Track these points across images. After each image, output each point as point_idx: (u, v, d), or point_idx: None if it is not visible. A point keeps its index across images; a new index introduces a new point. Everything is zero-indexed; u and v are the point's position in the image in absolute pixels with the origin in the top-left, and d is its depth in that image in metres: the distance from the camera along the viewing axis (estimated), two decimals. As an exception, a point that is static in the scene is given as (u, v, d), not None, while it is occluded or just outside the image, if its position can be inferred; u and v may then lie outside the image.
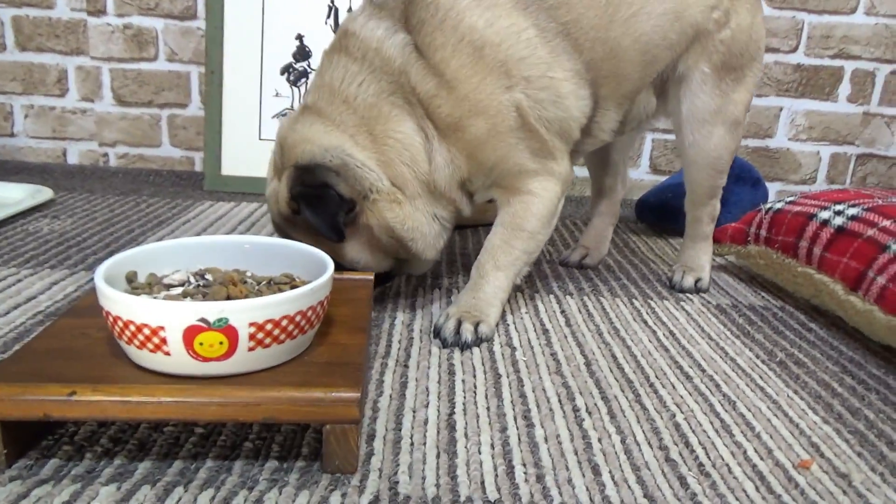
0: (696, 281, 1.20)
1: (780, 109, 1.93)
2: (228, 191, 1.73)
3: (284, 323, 0.64)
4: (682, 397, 0.82)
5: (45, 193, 1.51)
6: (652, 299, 1.16)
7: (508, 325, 1.01)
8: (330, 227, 0.89)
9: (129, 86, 1.87)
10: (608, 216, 1.34)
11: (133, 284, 0.72)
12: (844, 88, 1.91)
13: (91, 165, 1.93)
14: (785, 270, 1.16)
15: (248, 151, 1.75)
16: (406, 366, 0.86)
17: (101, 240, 1.29)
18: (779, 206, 1.21)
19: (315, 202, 0.89)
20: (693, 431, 0.75)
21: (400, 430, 0.71)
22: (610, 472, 0.66)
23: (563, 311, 1.08)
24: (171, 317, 0.60)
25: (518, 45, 0.91)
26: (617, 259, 1.37)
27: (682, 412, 0.79)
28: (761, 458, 0.70)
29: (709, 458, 0.70)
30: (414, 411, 0.75)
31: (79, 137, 1.91)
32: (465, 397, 0.79)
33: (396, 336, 0.94)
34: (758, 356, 0.95)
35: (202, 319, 0.61)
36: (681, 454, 0.70)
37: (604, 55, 0.97)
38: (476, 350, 0.91)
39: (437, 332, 0.94)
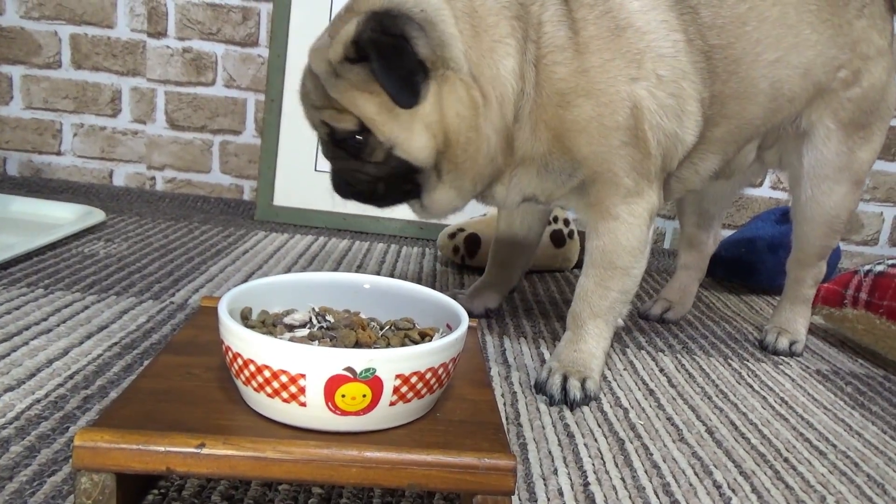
0: (791, 344, 1.14)
1: (845, 168, 1.89)
2: (279, 221, 1.68)
3: (429, 376, 0.58)
4: (823, 476, 0.75)
5: (98, 215, 1.46)
6: (748, 361, 1.09)
7: (610, 381, 0.94)
8: (403, 86, 0.78)
9: (183, 109, 1.83)
10: (695, 270, 1.28)
11: (249, 323, 0.65)
12: (911, 150, 1.87)
13: (137, 188, 1.88)
14: (890, 337, 1.09)
15: (302, 183, 1.70)
16: (519, 424, 0.79)
17: (162, 267, 1.23)
18: (879, 268, 1.16)
19: (390, 52, 0.77)
20: (852, 518, 0.68)
21: (536, 501, 0.64)
22: (780, 563, 0.59)
23: (662, 370, 1.01)
24: (316, 364, 0.54)
25: (664, 41, 0.84)
26: (696, 315, 1.31)
27: (831, 494, 0.72)
28: (936, 554, 0.63)
29: (880, 550, 0.63)
30: (544, 479, 0.68)
31: (127, 159, 1.87)
32: (594, 465, 0.72)
33: (498, 390, 0.87)
34: (884, 431, 0.88)
35: (349, 369, 0.54)
36: (848, 544, 0.63)
37: (734, 93, 0.92)
38: (587, 409, 0.85)
39: (539, 388, 0.87)
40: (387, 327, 0.68)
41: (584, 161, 0.85)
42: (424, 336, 0.66)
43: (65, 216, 1.44)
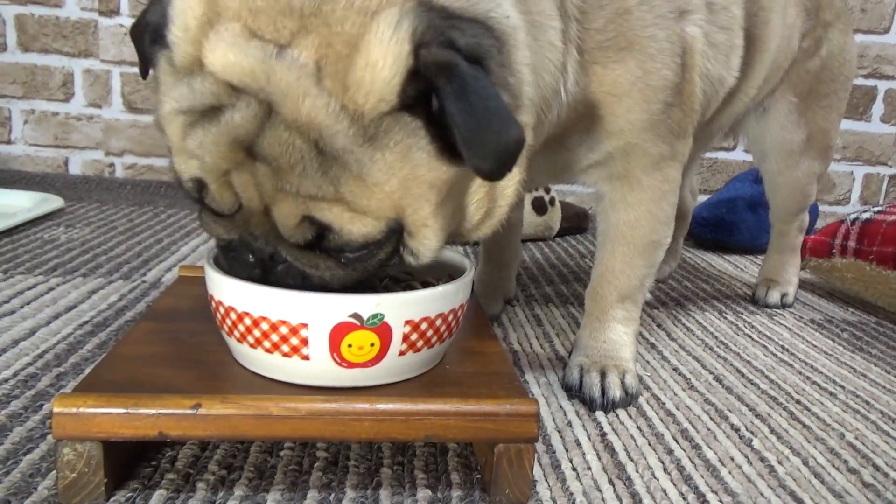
0: (782, 296, 1.13)
1: (815, 128, 1.90)
2: (249, 203, 1.61)
3: (439, 322, 0.54)
4: (838, 415, 0.73)
5: (55, 202, 1.38)
6: (743, 314, 1.07)
7: (610, 338, 0.91)
8: (506, 151, 0.47)
9: (141, 91, 1.75)
10: (678, 228, 1.26)
11: (238, 280, 0.60)
12: (878, 108, 1.89)
13: (95, 176, 1.79)
14: (881, 283, 1.09)
15: (271, 162, 1.63)
16: (525, 381, 0.75)
17: (130, 248, 1.16)
18: (866, 215, 1.15)
19: (480, 91, 0.46)
20: (874, 453, 0.66)
21: (554, 453, 0.61)
22: (812, 500, 0.57)
23: (659, 325, 0.99)
24: (319, 312, 0.49)
25: None
26: (683, 274, 1.29)
27: (848, 431, 0.70)
28: (962, 482, 0.62)
29: (907, 482, 0.61)
30: (560, 432, 0.64)
31: (83, 146, 1.78)
32: (607, 416, 0.69)
33: (498, 349, 0.84)
34: (888, 371, 0.87)
35: (355, 315, 0.50)
36: (874, 478, 0.61)
37: (759, 35, 0.80)
38: (591, 364, 0.82)
39: (570, 389, 0.73)
40: (385, 280, 0.64)
41: (616, 133, 0.67)
42: (427, 285, 0.62)
43: (19, 203, 1.36)
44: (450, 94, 0.45)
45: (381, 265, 0.53)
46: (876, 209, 1.16)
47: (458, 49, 0.46)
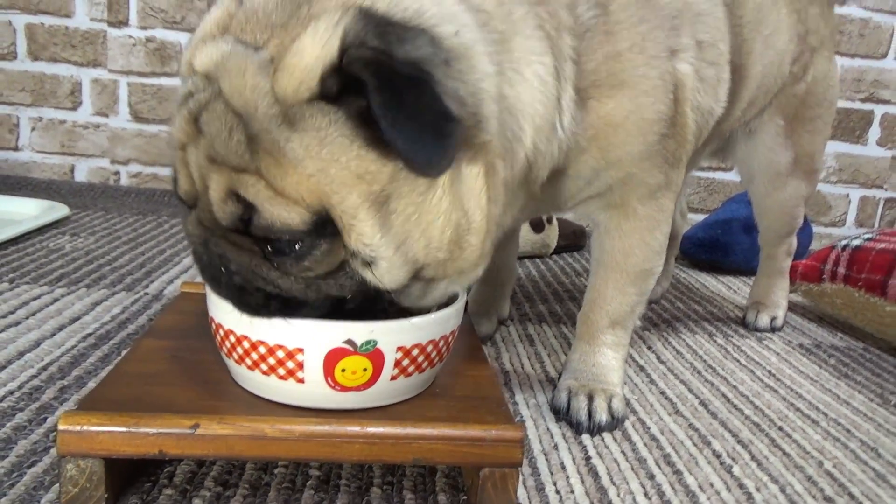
0: (772, 319, 1.15)
1: (812, 151, 1.92)
2: (251, 214, 1.64)
3: (430, 348, 0.56)
4: (818, 443, 0.75)
5: (61, 210, 1.40)
6: (732, 337, 1.10)
7: (600, 360, 0.93)
8: (432, 141, 0.49)
9: (147, 101, 1.78)
10: (669, 249, 1.28)
11: (238, 302, 0.63)
12: (874, 132, 1.91)
13: (101, 184, 1.82)
14: (869, 310, 1.11)
15: (274, 173, 1.66)
16: (515, 402, 0.77)
17: (133, 259, 1.18)
18: (857, 242, 1.17)
19: (407, 89, 0.48)
20: (851, 482, 0.68)
21: (539, 476, 0.63)
22: (787, 526, 0.59)
23: (650, 347, 1.01)
24: (315, 338, 0.52)
25: None
26: (676, 295, 1.31)
27: (827, 459, 0.72)
28: (935, 512, 0.64)
29: (881, 511, 0.63)
30: (545, 454, 0.67)
31: (89, 154, 1.80)
32: (593, 440, 0.71)
33: (490, 369, 0.86)
34: (871, 399, 0.89)
35: (349, 342, 0.52)
36: (850, 507, 0.63)
37: (740, 65, 0.83)
38: (580, 387, 0.84)
39: (557, 412, 0.74)
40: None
41: (615, 164, 0.70)
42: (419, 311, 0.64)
43: (26, 211, 1.39)
44: (374, 88, 0.48)
45: (319, 273, 0.52)
46: (866, 236, 1.18)
47: (391, 53, 0.49)
